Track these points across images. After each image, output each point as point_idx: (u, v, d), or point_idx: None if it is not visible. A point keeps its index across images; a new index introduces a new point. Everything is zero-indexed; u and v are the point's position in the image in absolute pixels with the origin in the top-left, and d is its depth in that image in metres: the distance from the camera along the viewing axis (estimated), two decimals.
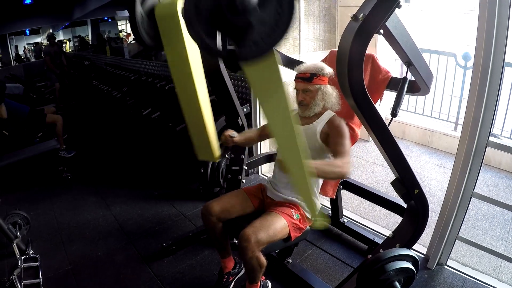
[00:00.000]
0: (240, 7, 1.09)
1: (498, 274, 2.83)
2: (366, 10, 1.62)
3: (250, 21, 1.10)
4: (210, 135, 1.96)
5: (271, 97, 1.33)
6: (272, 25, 1.12)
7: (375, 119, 1.88)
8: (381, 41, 4.51)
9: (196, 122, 1.92)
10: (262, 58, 1.16)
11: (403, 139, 5.65)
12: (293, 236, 2.19)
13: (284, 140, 1.43)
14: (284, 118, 1.36)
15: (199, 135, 1.97)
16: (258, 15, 1.11)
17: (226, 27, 1.16)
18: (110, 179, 4.53)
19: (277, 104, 1.34)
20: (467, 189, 2.48)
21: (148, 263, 2.89)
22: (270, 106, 1.36)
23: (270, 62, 1.21)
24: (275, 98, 1.32)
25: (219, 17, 1.13)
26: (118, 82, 7.07)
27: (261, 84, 1.31)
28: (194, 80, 1.76)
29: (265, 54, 1.16)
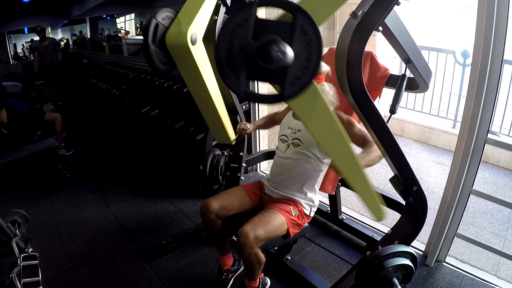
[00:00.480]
0: (272, 55, 1.11)
1: (497, 271, 2.83)
2: (365, 7, 1.62)
3: (286, 62, 1.13)
4: (224, 121, 1.98)
5: (318, 120, 1.36)
6: (306, 56, 1.15)
7: (374, 116, 1.88)
8: (380, 38, 4.51)
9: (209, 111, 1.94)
10: (303, 91, 1.19)
11: (402, 136, 5.64)
12: (292, 233, 2.20)
13: (338, 152, 1.46)
14: (336, 136, 1.40)
15: (214, 122, 1.99)
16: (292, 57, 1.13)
17: (264, 75, 1.19)
18: (109, 177, 4.53)
19: (326, 124, 1.37)
20: (465, 186, 2.49)
21: (147, 261, 2.89)
22: (319, 127, 1.39)
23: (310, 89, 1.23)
24: (323, 119, 1.36)
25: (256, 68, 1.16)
26: (117, 80, 7.05)
27: (307, 110, 1.33)
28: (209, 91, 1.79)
29: (308, 86, 1.18)
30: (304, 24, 1.12)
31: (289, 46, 1.12)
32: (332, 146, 1.44)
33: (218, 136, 2.14)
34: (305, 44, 1.14)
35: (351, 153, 1.44)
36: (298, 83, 1.17)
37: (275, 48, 1.10)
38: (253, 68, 1.16)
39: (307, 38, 1.13)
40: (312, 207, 2.36)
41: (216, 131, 2.09)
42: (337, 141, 1.41)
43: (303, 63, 1.15)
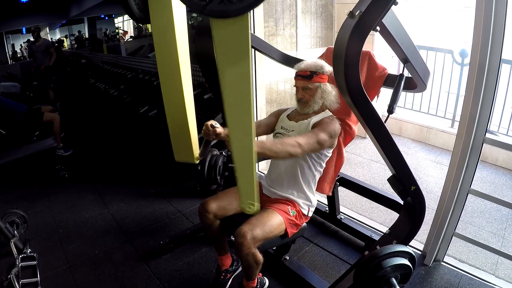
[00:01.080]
0: None
1: (495, 270, 2.84)
2: (362, 7, 1.62)
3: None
4: (190, 132, 1.89)
5: (234, 63, 1.28)
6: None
7: (372, 116, 1.88)
8: (378, 38, 4.52)
9: (176, 116, 1.85)
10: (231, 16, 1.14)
11: (400, 136, 5.65)
12: (290, 233, 2.20)
13: (236, 111, 1.37)
14: (244, 88, 1.31)
15: (178, 132, 1.90)
16: None
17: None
18: (107, 177, 4.53)
19: (239, 74, 1.29)
20: (463, 186, 2.49)
21: (146, 261, 2.89)
22: (231, 74, 1.31)
23: (243, 23, 1.19)
24: (239, 65, 1.28)
25: None
26: (115, 80, 7.05)
27: (228, 47, 1.26)
28: (180, 66, 1.72)
29: (231, 13, 1.13)
30: None
31: None
32: (232, 99, 1.36)
33: (178, 152, 1.98)
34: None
35: (249, 124, 1.37)
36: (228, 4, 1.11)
37: None
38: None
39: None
40: (310, 207, 2.36)
41: (177, 145, 1.96)
42: (240, 97, 1.34)
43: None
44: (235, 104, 1.36)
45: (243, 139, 1.41)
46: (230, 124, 1.40)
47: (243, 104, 1.34)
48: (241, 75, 1.29)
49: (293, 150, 1.99)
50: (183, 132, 1.87)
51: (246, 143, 1.41)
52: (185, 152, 1.93)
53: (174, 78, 1.76)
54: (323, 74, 2.27)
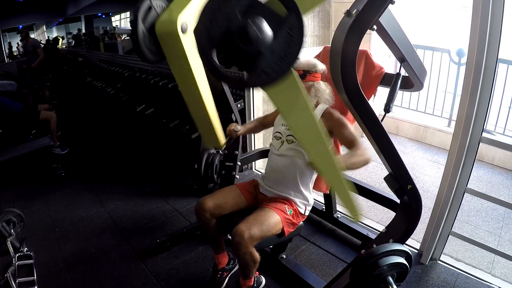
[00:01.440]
0: (252, 36, 1.08)
1: (491, 269, 2.85)
2: (359, 6, 1.62)
3: (261, 50, 1.10)
4: (214, 123, 1.95)
5: (296, 114, 1.32)
6: (282, 55, 1.11)
7: (368, 115, 1.88)
8: (375, 37, 4.52)
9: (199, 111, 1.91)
10: (271, 85, 1.16)
11: (396, 135, 5.66)
12: (287, 232, 2.20)
13: (316, 149, 1.42)
14: (314, 130, 1.35)
15: (204, 124, 1.96)
16: (269, 44, 1.10)
17: (237, 55, 1.14)
18: (104, 176, 4.53)
19: (305, 119, 1.33)
20: (460, 185, 2.50)
21: (143, 260, 2.89)
22: (299, 122, 1.35)
23: (290, 80, 1.20)
24: (300, 113, 1.32)
25: (231, 45, 1.12)
26: (112, 78, 7.03)
27: (287, 104, 1.30)
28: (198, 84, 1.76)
29: (273, 83, 1.15)
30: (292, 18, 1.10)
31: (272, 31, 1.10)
32: (309, 142, 1.42)
33: (207, 139, 2.09)
34: (287, 33, 1.10)
35: (328, 153, 1.41)
36: (265, 76, 1.13)
37: (256, 28, 1.08)
38: (229, 49, 1.13)
39: (290, 27, 1.10)
40: (307, 206, 2.36)
41: (205, 134, 2.04)
42: (315, 139, 1.38)
43: (282, 51, 1.11)
44: (314, 145, 1.41)
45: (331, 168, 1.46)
46: (318, 165, 1.48)
47: (319, 144, 1.39)
48: (308, 119, 1.34)
49: (367, 157, 2.04)
50: (207, 122, 1.93)
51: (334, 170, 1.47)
52: (212, 139, 2.00)
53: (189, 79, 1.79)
54: (316, 73, 2.27)
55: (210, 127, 1.93)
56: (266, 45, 1.10)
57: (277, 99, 1.28)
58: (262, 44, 1.09)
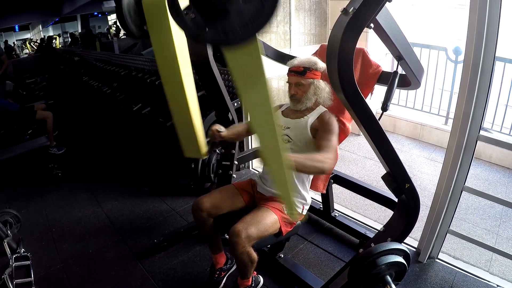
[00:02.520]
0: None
1: (489, 267, 2.84)
2: (356, 4, 1.61)
3: (227, 8, 1.06)
4: (197, 131, 1.93)
5: (252, 88, 1.29)
6: (247, 21, 1.06)
7: (366, 114, 1.88)
8: (372, 35, 4.52)
9: (182, 117, 1.88)
10: (226, 47, 1.14)
11: (394, 133, 5.66)
12: (284, 231, 2.19)
13: (264, 131, 1.39)
14: (264, 110, 1.32)
15: (186, 131, 1.93)
16: (238, 5, 1.06)
17: (204, 7, 1.12)
18: (101, 176, 4.51)
19: (257, 95, 1.29)
20: (458, 183, 2.49)
21: (140, 260, 2.88)
22: (250, 97, 1.32)
23: (251, 50, 1.17)
24: (256, 88, 1.28)
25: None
26: (108, 77, 7.02)
27: (242, 73, 1.27)
28: (181, 73, 1.72)
29: (228, 45, 1.13)
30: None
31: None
32: (259, 124, 1.38)
33: (187, 148, 2.04)
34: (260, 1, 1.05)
35: (276, 140, 1.38)
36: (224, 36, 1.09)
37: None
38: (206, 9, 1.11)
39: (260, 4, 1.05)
40: (305, 205, 2.35)
41: (185, 141, 2.00)
42: (265, 121, 1.35)
43: (249, 18, 1.06)
44: (261, 124, 1.37)
45: (275, 154, 1.43)
46: (261, 142, 1.43)
47: (267, 123, 1.36)
48: (261, 97, 1.30)
49: (321, 166, 1.96)
50: (190, 130, 1.90)
51: (277, 157, 1.43)
52: (193, 148, 1.97)
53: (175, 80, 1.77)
54: (317, 71, 2.26)
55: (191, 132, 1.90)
56: (234, 5, 1.06)
57: (234, 66, 1.24)
58: (231, 2, 1.06)
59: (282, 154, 1.41)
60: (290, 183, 1.48)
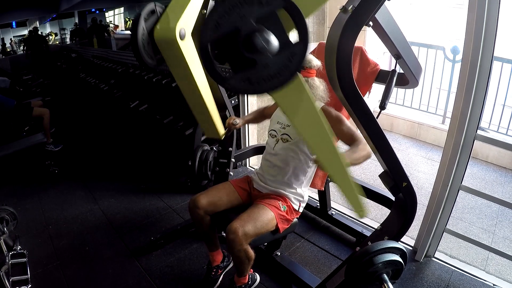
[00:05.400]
0: (258, 45, 1.07)
1: (486, 266, 2.86)
2: (355, 2, 1.61)
3: (256, 60, 1.08)
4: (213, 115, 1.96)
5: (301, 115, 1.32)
6: (272, 74, 1.10)
7: (364, 112, 1.88)
8: (370, 33, 4.52)
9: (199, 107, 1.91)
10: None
11: (391, 131, 5.67)
12: (281, 228, 2.20)
13: (321, 147, 1.42)
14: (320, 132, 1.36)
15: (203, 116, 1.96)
16: (266, 59, 1.08)
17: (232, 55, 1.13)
18: (97, 173, 4.50)
19: (308, 118, 1.33)
20: (454, 182, 2.50)
21: (137, 257, 2.88)
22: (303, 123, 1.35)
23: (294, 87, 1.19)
24: (305, 114, 1.31)
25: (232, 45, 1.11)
26: (105, 74, 7.00)
27: (289, 106, 1.29)
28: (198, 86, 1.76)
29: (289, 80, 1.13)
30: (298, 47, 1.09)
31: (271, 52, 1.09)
32: (315, 142, 1.41)
33: (207, 131, 2.10)
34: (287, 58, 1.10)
35: (334, 150, 1.42)
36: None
37: (264, 39, 1.06)
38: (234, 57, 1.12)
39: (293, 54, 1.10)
40: (301, 203, 2.35)
41: (205, 126, 2.06)
42: (321, 138, 1.38)
43: (274, 71, 1.10)
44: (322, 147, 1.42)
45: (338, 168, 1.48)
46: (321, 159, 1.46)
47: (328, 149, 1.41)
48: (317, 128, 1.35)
49: (368, 151, 2.05)
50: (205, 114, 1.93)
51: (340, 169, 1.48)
52: (212, 130, 2.00)
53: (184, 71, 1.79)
54: (311, 69, 2.26)
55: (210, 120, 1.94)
56: (263, 58, 1.08)
57: (281, 102, 1.27)
58: (262, 56, 1.08)
59: (342, 161, 1.45)
60: (353, 184, 1.51)
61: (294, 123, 1.34)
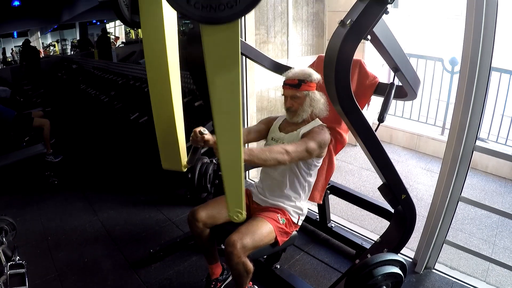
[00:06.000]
0: None
1: (486, 277, 2.85)
2: (353, 16, 1.62)
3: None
4: (179, 140, 1.90)
5: (223, 71, 1.28)
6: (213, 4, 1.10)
7: (362, 125, 1.89)
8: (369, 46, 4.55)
9: (165, 124, 1.87)
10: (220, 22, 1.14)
11: (390, 143, 5.68)
12: (281, 241, 2.19)
13: (225, 119, 1.36)
14: (231, 97, 1.31)
15: (166, 140, 1.91)
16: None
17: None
18: (97, 184, 4.49)
19: (228, 81, 1.29)
20: (454, 193, 2.50)
21: (136, 270, 2.87)
22: (220, 81, 1.30)
23: (231, 32, 1.19)
24: (228, 72, 1.28)
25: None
26: (105, 86, 7.02)
27: (216, 54, 1.25)
28: (169, 71, 1.73)
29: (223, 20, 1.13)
30: None
31: None
32: (221, 107, 1.34)
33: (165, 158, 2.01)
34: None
35: (237, 132, 1.35)
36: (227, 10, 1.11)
37: None
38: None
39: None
40: (301, 216, 2.35)
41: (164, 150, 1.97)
42: (228, 104, 1.32)
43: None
44: (224, 112, 1.35)
45: (231, 147, 1.40)
46: (218, 132, 1.39)
47: (231, 111, 1.33)
48: (230, 82, 1.28)
49: (281, 157, 1.98)
50: (171, 139, 1.88)
51: (234, 151, 1.40)
52: (173, 160, 1.94)
53: (163, 84, 1.77)
54: (311, 82, 2.27)
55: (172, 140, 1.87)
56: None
57: (209, 46, 1.24)
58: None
59: (239, 147, 1.39)
60: (241, 180, 1.46)
61: (209, 72, 1.29)
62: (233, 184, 1.48)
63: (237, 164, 1.43)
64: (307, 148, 2.10)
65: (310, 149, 2.12)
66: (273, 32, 4.83)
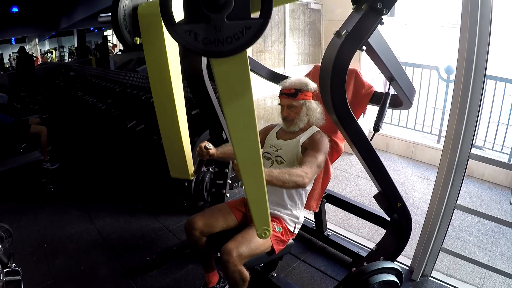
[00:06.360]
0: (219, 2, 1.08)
1: (483, 284, 2.86)
2: (349, 27, 1.64)
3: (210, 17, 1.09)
4: (185, 150, 1.93)
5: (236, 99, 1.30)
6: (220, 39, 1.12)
7: (357, 135, 1.90)
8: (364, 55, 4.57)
9: (171, 135, 1.90)
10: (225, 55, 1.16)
11: (386, 151, 5.70)
12: (277, 249, 2.20)
13: (243, 145, 1.39)
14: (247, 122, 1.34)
15: (173, 150, 1.94)
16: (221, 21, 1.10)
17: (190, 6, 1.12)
18: (94, 192, 4.49)
19: (241, 107, 1.31)
20: (450, 201, 2.51)
21: (132, 278, 2.86)
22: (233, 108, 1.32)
23: (239, 61, 1.21)
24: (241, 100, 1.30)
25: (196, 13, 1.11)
26: (103, 93, 7.03)
27: (228, 84, 1.28)
28: (172, 87, 1.75)
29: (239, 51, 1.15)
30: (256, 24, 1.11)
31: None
32: (240, 138, 1.37)
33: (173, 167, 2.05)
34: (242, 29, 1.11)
35: (257, 151, 1.38)
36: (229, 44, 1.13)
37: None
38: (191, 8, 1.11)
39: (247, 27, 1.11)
40: (297, 224, 2.35)
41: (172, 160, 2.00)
42: (245, 130, 1.35)
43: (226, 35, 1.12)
44: (242, 137, 1.38)
45: (253, 169, 1.43)
46: (239, 157, 1.42)
47: (249, 137, 1.36)
48: (244, 110, 1.31)
49: (300, 181, 1.99)
50: (178, 150, 1.91)
51: (256, 173, 1.44)
52: (180, 169, 1.97)
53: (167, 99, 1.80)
54: (308, 91, 2.28)
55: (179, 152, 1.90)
56: (218, 19, 1.10)
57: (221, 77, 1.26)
58: (217, 16, 1.09)
59: (260, 169, 1.42)
60: (265, 199, 1.48)
61: (223, 101, 1.31)
62: (258, 205, 1.53)
63: (260, 186, 1.47)
64: (318, 164, 2.13)
65: (320, 163, 2.16)
66: (270, 41, 4.86)
